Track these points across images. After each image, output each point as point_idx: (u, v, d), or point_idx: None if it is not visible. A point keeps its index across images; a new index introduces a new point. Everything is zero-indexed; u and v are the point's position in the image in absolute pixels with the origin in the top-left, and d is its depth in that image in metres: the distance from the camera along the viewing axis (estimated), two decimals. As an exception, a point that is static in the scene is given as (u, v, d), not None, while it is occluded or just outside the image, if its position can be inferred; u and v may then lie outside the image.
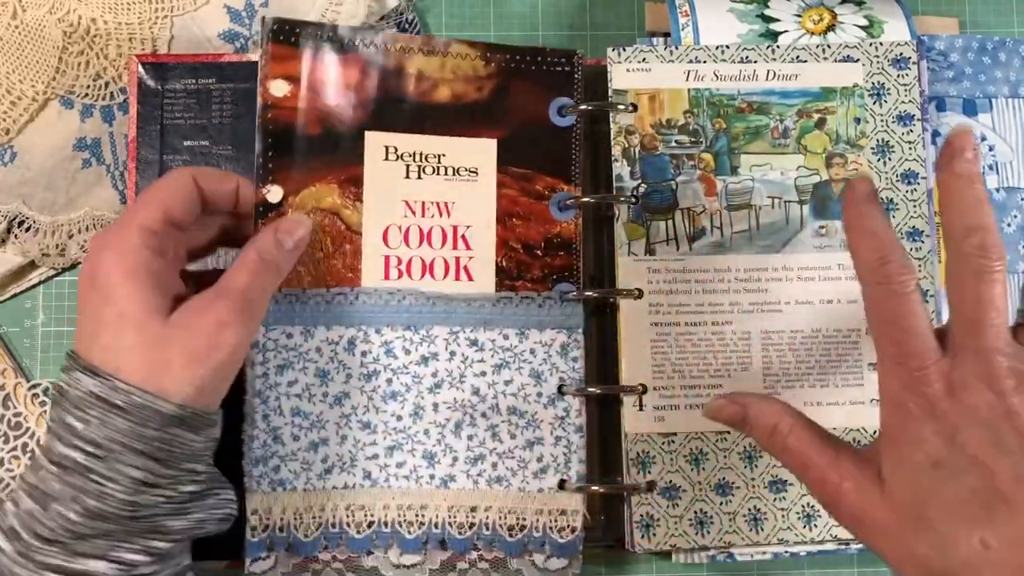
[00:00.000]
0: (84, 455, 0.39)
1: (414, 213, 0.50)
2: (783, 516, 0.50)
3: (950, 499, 0.35)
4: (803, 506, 0.50)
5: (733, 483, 0.50)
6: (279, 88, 0.49)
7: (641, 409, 0.50)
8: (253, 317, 0.43)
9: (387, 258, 0.50)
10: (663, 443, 0.50)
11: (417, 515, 0.49)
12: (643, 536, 0.49)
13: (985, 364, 0.36)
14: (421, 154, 0.50)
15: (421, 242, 0.50)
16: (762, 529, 0.50)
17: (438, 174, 0.51)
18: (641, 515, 0.49)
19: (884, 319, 0.38)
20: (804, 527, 0.50)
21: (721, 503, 0.50)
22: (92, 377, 0.40)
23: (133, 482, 0.39)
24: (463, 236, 0.51)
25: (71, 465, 0.39)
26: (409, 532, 0.49)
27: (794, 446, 0.40)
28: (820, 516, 0.50)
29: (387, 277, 0.50)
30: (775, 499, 0.50)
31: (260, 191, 0.48)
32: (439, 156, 0.51)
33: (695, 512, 0.50)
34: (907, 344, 0.37)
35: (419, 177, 0.50)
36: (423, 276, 0.50)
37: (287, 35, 0.49)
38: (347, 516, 0.49)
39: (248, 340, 0.43)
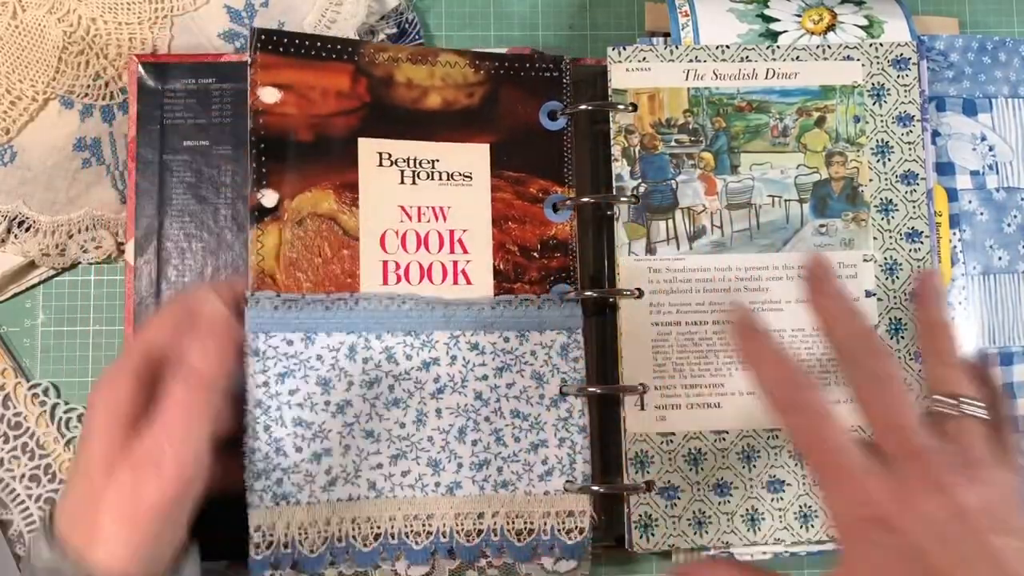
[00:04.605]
0: None
1: (410, 218, 0.50)
2: (780, 516, 0.50)
3: None
4: (800, 506, 0.50)
5: (731, 483, 0.50)
6: (270, 95, 0.49)
7: (643, 409, 0.50)
8: (186, 465, 0.39)
9: (385, 263, 0.50)
10: (661, 443, 0.50)
11: (424, 525, 0.48)
12: (642, 536, 0.50)
13: (923, 467, 0.35)
14: (415, 160, 0.50)
15: (418, 247, 0.50)
16: (759, 529, 0.50)
17: (432, 179, 0.51)
18: (640, 515, 0.50)
19: (807, 444, 0.37)
20: (800, 527, 0.50)
21: (719, 503, 0.50)
22: (49, 551, 0.39)
23: None
24: (460, 240, 0.51)
25: None
26: (416, 543, 0.48)
27: None
28: (816, 516, 0.50)
29: (385, 282, 0.49)
30: (772, 499, 0.50)
31: (254, 195, 0.48)
32: (433, 162, 0.51)
33: (693, 512, 0.50)
34: (836, 464, 0.36)
35: (414, 182, 0.50)
36: (421, 280, 0.50)
37: (274, 45, 0.49)
38: (353, 529, 0.47)
39: (184, 494, 0.40)
